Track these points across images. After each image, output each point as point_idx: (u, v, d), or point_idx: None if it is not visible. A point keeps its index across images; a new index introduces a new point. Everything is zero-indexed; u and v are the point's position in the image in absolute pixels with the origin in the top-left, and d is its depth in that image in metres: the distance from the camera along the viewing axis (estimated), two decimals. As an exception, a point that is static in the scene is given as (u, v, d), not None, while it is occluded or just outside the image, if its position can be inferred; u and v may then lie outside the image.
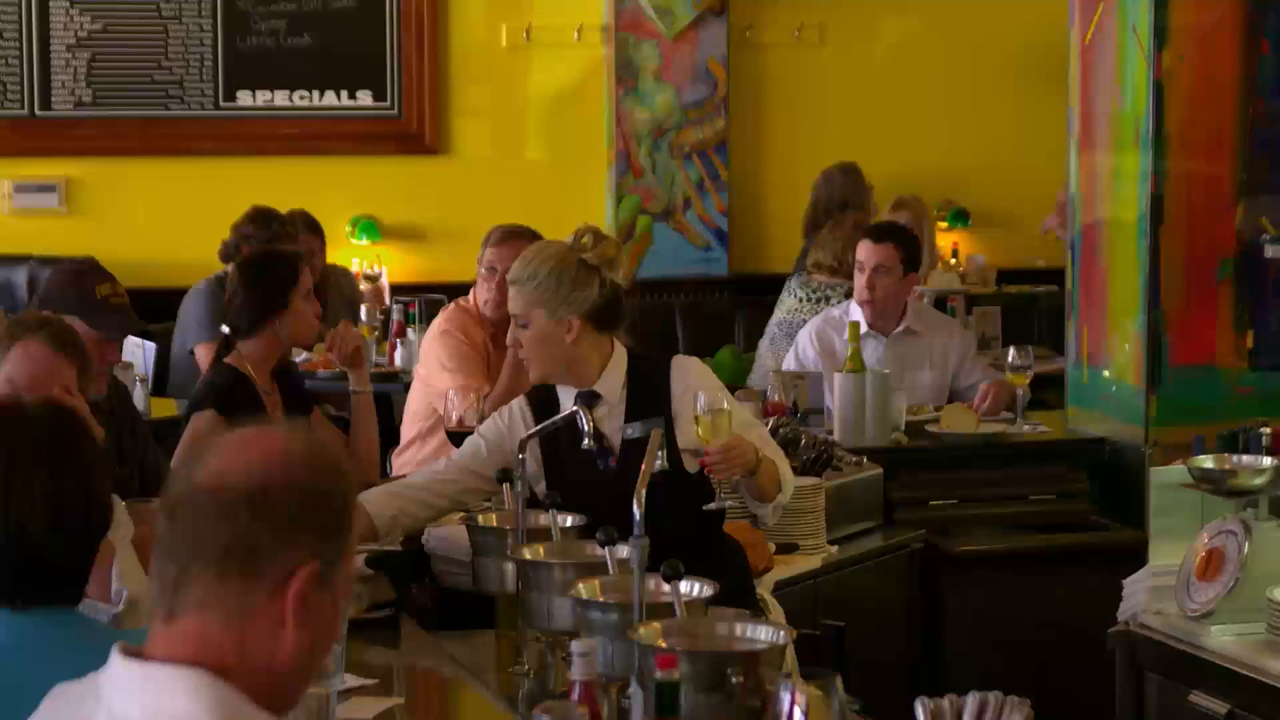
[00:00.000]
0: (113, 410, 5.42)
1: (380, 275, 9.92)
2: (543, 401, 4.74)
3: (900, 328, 7.36)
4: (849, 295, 8.10)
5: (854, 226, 8.40)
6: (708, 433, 4.49)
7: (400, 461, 6.51)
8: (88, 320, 5.10)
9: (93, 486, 3.17)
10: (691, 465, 4.59)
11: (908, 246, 7.39)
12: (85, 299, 5.24)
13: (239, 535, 2.31)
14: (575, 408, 4.57)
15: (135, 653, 2.35)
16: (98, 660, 2.84)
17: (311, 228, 8.98)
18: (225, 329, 5.84)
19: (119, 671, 2.35)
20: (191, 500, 2.33)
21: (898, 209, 9.26)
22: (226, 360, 5.78)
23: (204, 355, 7.88)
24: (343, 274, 9.46)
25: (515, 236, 6.48)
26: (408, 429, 6.57)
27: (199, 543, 2.32)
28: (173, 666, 2.30)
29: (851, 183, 9.72)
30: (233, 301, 5.83)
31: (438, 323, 6.61)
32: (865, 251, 7.33)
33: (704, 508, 4.55)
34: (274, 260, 6.04)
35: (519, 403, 4.80)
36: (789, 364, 7.44)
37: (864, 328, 7.26)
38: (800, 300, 8.18)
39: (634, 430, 4.60)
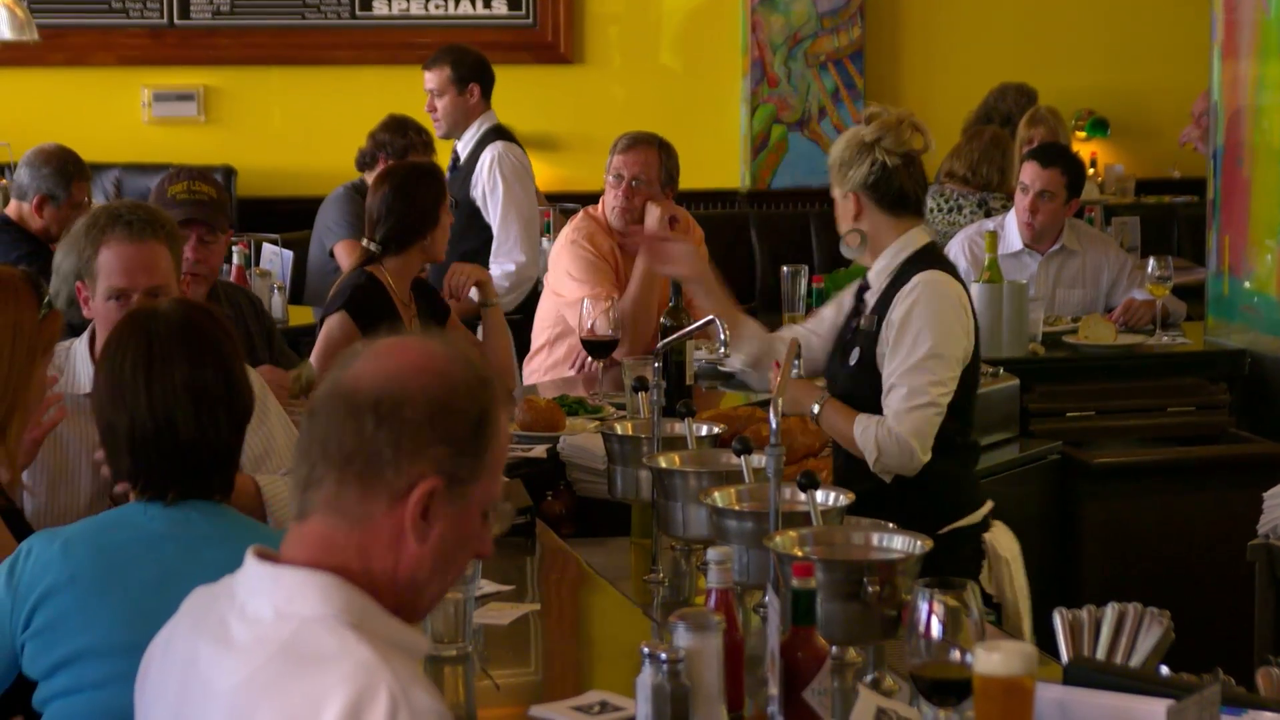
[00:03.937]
0: (240, 317, 5.43)
1: None
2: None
3: (1056, 246, 7.31)
4: (981, 205, 8.03)
5: (991, 142, 8.32)
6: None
7: (530, 369, 6.54)
8: None
9: (233, 376, 3.23)
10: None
11: (1074, 172, 7.32)
12: (162, 203, 5.15)
13: (363, 441, 2.32)
14: (714, 316, 4.52)
15: (268, 556, 2.39)
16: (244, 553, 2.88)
17: None
18: (371, 245, 5.62)
19: (252, 573, 2.39)
20: (328, 402, 2.36)
21: (1034, 123, 9.12)
22: (367, 268, 5.63)
23: (343, 252, 7.89)
24: None
25: (642, 143, 6.46)
26: (537, 336, 6.60)
27: (328, 444, 2.34)
28: (304, 570, 2.34)
29: (1024, 104, 9.58)
30: (380, 219, 5.62)
31: (565, 232, 6.59)
32: (1031, 174, 7.27)
33: None
34: (422, 175, 5.79)
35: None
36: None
37: (1019, 245, 7.25)
38: (932, 210, 8.12)
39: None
